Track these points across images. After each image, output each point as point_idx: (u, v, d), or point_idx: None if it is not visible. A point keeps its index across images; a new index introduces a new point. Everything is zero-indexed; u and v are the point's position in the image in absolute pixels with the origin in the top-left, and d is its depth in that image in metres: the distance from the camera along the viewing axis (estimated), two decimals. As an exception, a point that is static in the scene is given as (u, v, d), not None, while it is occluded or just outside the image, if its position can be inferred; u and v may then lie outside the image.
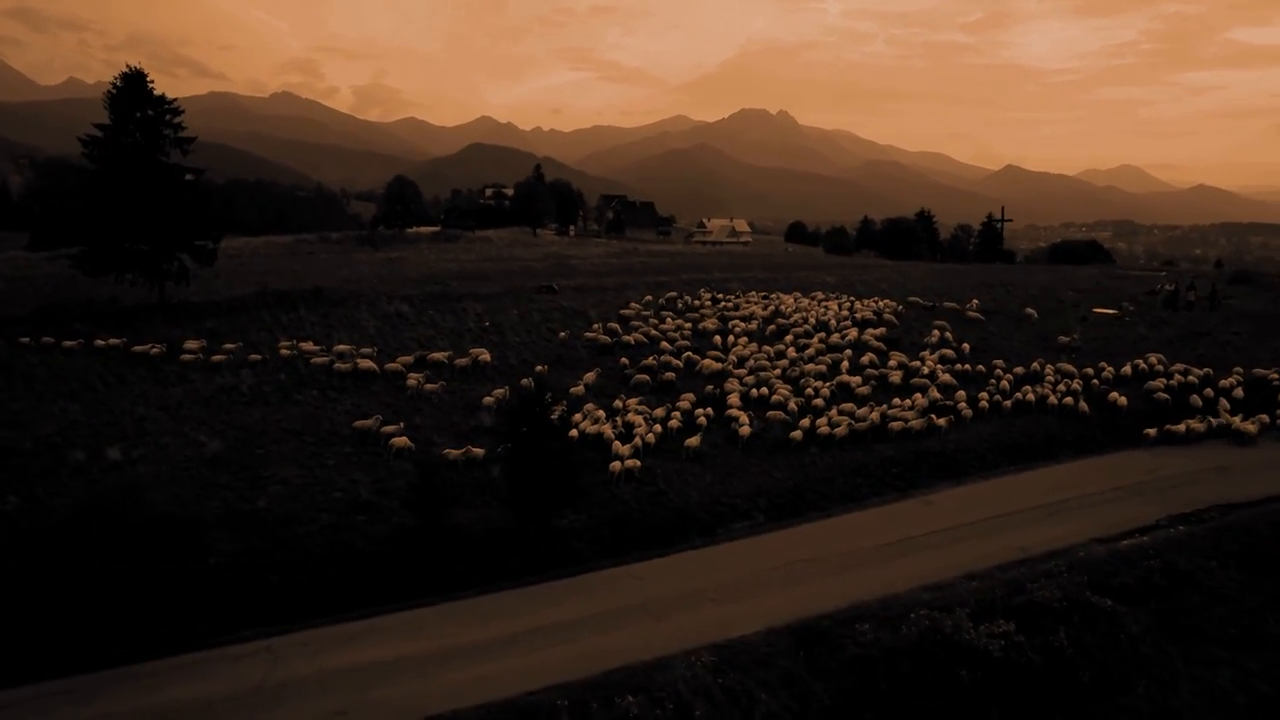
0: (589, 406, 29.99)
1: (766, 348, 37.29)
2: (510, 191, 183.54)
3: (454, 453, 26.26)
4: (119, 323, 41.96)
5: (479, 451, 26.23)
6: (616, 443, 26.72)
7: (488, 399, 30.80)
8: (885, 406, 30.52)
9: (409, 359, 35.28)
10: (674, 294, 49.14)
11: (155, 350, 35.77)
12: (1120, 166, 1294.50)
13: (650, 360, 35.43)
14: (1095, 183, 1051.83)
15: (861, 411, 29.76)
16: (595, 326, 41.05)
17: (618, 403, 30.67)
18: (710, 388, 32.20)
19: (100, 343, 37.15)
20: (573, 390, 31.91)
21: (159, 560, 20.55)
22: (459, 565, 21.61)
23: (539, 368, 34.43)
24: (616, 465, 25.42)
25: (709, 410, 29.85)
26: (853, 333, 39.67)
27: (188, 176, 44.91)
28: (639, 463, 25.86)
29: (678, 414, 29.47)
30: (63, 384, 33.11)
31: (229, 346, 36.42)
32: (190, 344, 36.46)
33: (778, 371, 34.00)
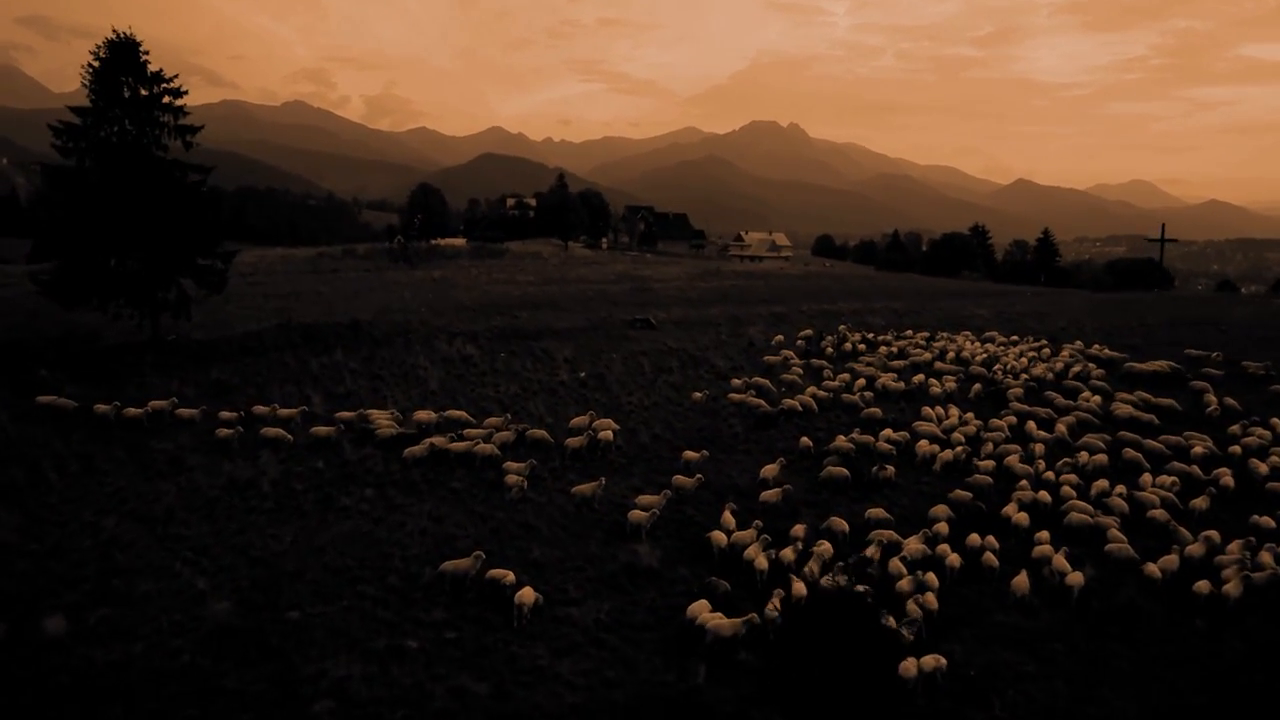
0: (799, 531, 19.30)
1: (997, 422, 26.45)
2: (533, 201, 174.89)
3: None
4: (97, 368, 31.70)
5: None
6: (890, 619, 16.02)
7: (637, 513, 20.17)
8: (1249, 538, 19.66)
9: (506, 434, 24.70)
10: (809, 331, 38.56)
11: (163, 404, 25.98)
12: (1131, 181, 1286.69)
13: (842, 442, 24.73)
14: (1106, 197, 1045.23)
15: (1232, 546, 18.93)
16: (737, 382, 30.44)
17: (836, 520, 19.94)
18: (968, 495, 21.41)
19: (46, 399, 26.88)
20: (764, 497, 21.33)
21: None
22: None
23: (688, 454, 23.78)
24: (910, 667, 14.74)
25: (989, 538, 19.14)
26: (1094, 400, 28.68)
27: (191, 177, 34.60)
28: (942, 660, 15.14)
29: (947, 546, 18.75)
30: (1, 472, 22.69)
31: (243, 411, 26.00)
32: (185, 411, 26.16)
33: (1041, 463, 23.18)
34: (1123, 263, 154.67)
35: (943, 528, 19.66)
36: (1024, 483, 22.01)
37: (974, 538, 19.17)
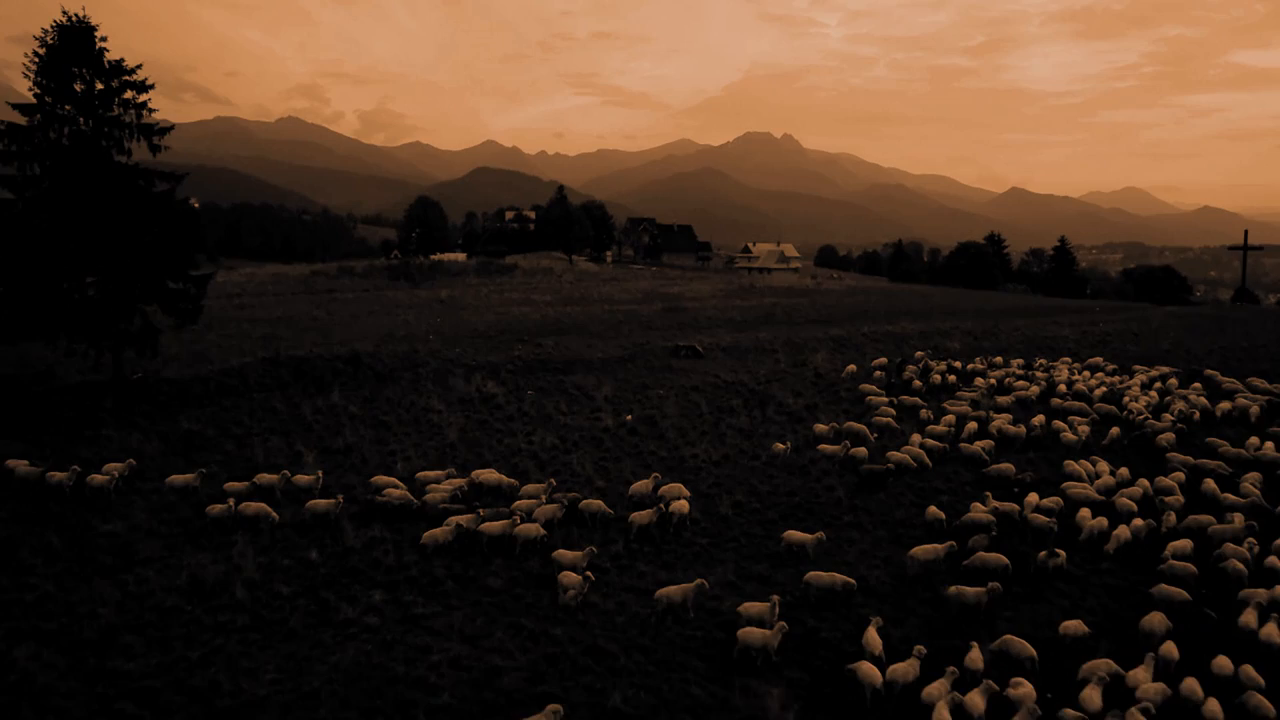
0: (977, 660, 13.91)
1: (1165, 481, 21.02)
2: (531, 214, 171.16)
3: None
4: (45, 418, 26.20)
5: None
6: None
7: (754, 633, 14.70)
8: None
9: (551, 508, 19.28)
10: (883, 360, 33.21)
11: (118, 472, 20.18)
12: (1124, 189, 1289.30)
13: (981, 512, 19.34)
14: (1100, 205, 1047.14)
15: None
16: (822, 429, 25.03)
17: (1017, 642, 14.47)
18: (1182, 594, 15.98)
19: (15, 464, 21.61)
20: (952, 592, 15.95)
21: None
22: None
23: (794, 534, 18.37)
24: None
25: (1246, 668, 13.73)
26: (1268, 447, 23.24)
27: (159, 185, 29.23)
28: None
29: (1195, 683, 13.29)
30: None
31: (252, 481, 20.57)
32: (178, 478, 20.89)
33: (1253, 543, 17.75)
34: (1139, 271, 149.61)
35: (1171, 650, 14.27)
36: (1233, 563, 16.64)
37: (1223, 663, 13.83)
